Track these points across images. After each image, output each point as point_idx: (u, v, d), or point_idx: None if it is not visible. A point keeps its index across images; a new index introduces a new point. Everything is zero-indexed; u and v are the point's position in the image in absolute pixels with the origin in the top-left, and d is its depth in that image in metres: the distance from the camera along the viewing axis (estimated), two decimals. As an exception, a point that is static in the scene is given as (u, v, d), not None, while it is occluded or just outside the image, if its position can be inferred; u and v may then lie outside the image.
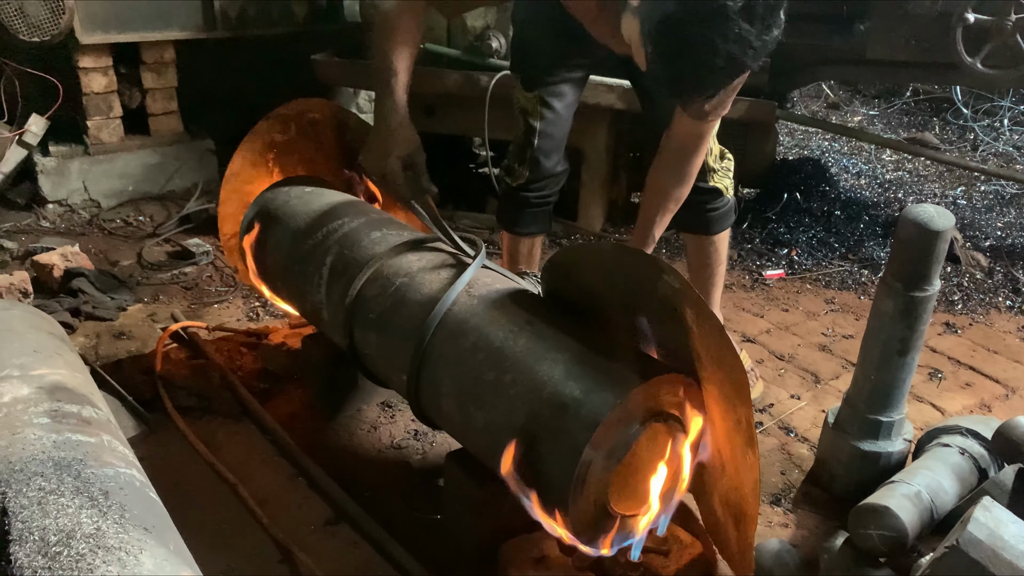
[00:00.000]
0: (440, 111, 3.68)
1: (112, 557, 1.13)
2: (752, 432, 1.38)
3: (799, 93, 6.06)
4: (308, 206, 2.17)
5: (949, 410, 2.44)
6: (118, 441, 1.52)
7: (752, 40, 1.41)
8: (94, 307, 2.77)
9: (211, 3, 3.74)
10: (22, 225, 3.54)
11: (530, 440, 1.46)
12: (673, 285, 1.39)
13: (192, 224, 3.57)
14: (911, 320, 1.82)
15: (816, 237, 3.62)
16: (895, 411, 1.94)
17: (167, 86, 3.85)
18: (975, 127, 5.37)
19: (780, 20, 1.45)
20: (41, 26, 3.29)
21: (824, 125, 4.79)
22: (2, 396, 1.50)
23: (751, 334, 2.84)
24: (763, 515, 1.95)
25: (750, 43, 1.41)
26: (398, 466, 2.09)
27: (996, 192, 4.34)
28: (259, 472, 2.02)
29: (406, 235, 2.02)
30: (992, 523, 1.33)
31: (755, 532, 1.48)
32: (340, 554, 1.77)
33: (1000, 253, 3.51)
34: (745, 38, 1.40)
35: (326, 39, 4.01)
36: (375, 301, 1.83)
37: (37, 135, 3.58)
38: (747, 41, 1.41)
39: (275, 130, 2.41)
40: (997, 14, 3.06)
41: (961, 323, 2.98)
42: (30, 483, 1.25)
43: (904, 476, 1.72)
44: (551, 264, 1.66)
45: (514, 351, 1.54)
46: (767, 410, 2.40)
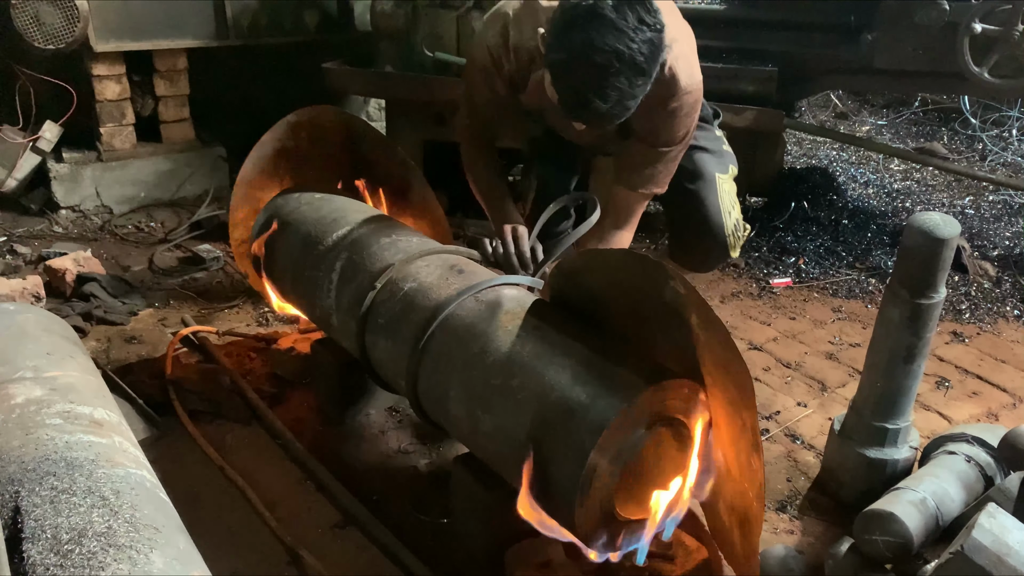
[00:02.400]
0: (450, 119, 3.70)
1: (123, 556, 1.15)
2: (757, 437, 1.39)
3: (807, 103, 6.06)
4: (318, 212, 2.20)
5: (956, 419, 2.44)
6: (129, 443, 1.54)
7: (629, 32, 1.63)
8: (106, 311, 2.80)
9: (224, 12, 3.78)
10: (35, 230, 3.58)
11: (537, 444, 1.47)
12: (679, 291, 1.40)
13: (203, 230, 3.61)
14: (917, 327, 1.83)
15: (823, 246, 3.62)
16: (901, 418, 1.94)
17: (179, 94, 3.90)
18: (983, 137, 5.36)
19: (654, 19, 1.68)
20: (56, 34, 3.33)
21: (832, 134, 4.79)
22: (16, 397, 1.52)
23: (758, 342, 2.85)
24: (769, 521, 1.96)
25: (630, 36, 1.63)
26: (406, 470, 2.10)
27: (1004, 202, 4.34)
28: (268, 475, 2.03)
29: (415, 240, 2.04)
30: (997, 529, 1.33)
31: (760, 537, 1.48)
32: (348, 557, 1.78)
33: (1008, 263, 3.50)
34: (623, 31, 1.63)
35: (337, 48, 4.05)
36: (384, 306, 1.85)
37: (51, 141, 3.63)
38: (626, 34, 1.63)
39: (286, 137, 2.44)
40: (1004, 24, 3.07)
41: (969, 332, 2.98)
42: (43, 482, 1.26)
43: (910, 483, 1.73)
44: (558, 270, 1.68)
45: (521, 356, 1.56)
46: (774, 417, 2.40)
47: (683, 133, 2.05)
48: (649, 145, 2.08)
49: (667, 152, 2.08)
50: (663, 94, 1.95)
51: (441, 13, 3.46)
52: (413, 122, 3.76)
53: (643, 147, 2.09)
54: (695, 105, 2.03)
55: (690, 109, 2.02)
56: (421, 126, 3.76)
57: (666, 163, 2.10)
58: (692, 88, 1.99)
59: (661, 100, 1.96)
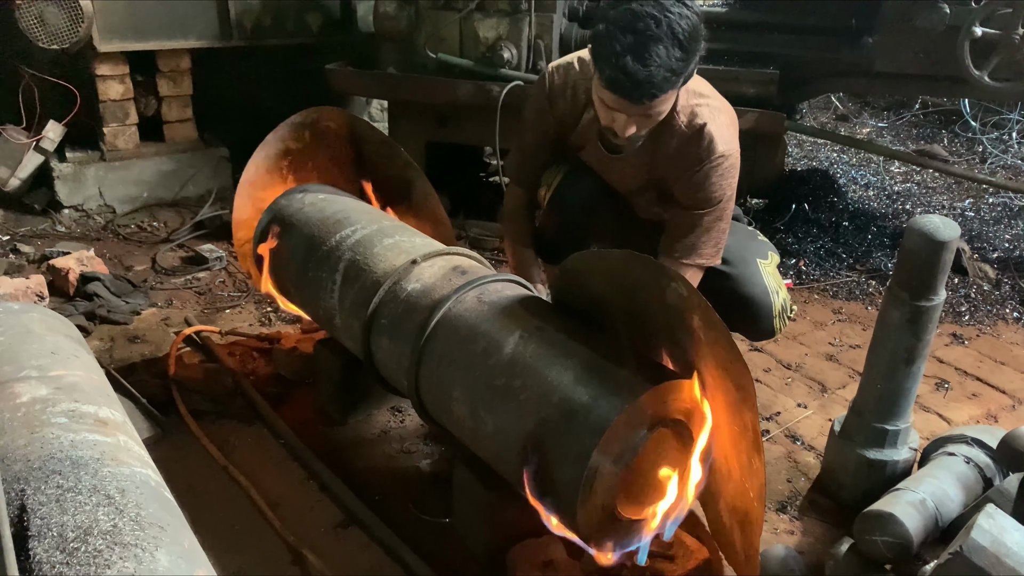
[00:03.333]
0: (452, 121, 3.72)
1: (128, 554, 1.16)
2: (758, 438, 1.40)
3: (808, 105, 6.07)
4: (322, 213, 2.21)
5: (955, 420, 2.45)
6: (133, 442, 1.54)
7: (669, 5, 1.74)
8: (109, 311, 2.81)
9: (227, 13, 3.80)
10: (38, 230, 3.59)
11: (539, 444, 1.48)
12: (680, 293, 1.41)
13: (206, 230, 3.62)
14: (917, 329, 1.84)
15: (824, 248, 3.63)
16: (901, 420, 1.95)
17: (183, 94, 3.91)
18: (984, 140, 5.37)
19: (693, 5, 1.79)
20: (60, 34, 3.35)
21: (833, 137, 4.79)
22: (21, 396, 1.53)
23: (758, 343, 2.86)
24: (769, 522, 1.97)
25: (668, 9, 1.74)
26: (408, 470, 2.11)
27: (1004, 204, 4.35)
28: (271, 475, 2.04)
29: (418, 242, 2.05)
30: (996, 530, 1.34)
31: (760, 538, 1.49)
32: (351, 557, 1.79)
33: (1008, 265, 3.51)
34: (662, 3, 1.74)
35: (340, 49, 4.07)
36: (388, 307, 1.86)
37: (54, 141, 3.64)
38: (665, 6, 1.74)
39: (289, 138, 2.45)
40: (1004, 28, 3.08)
41: (968, 334, 2.99)
42: (48, 481, 1.27)
43: (909, 484, 1.74)
44: (561, 271, 1.69)
45: (524, 357, 1.57)
46: (774, 418, 2.41)
47: (719, 195, 2.02)
48: (686, 208, 2.06)
49: (706, 215, 2.04)
50: (700, 154, 1.99)
51: (444, 15, 3.47)
52: (415, 123, 3.78)
53: (681, 212, 2.08)
54: (731, 169, 2.02)
55: (726, 171, 2.01)
56: (423, 127, 3.77)
57: (707, 229, 2.06)
58: (728, 153, 2.01)
59: (698, 160, 2.00)
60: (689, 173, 2.02)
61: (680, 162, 2.03)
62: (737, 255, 2.21)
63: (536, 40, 3.43)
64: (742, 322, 2.22)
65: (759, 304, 2.17)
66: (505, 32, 3.43)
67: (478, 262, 1.99)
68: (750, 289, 2.17)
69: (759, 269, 2.21)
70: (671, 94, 1.85)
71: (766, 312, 2.18)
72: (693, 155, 2.00)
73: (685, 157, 2.01)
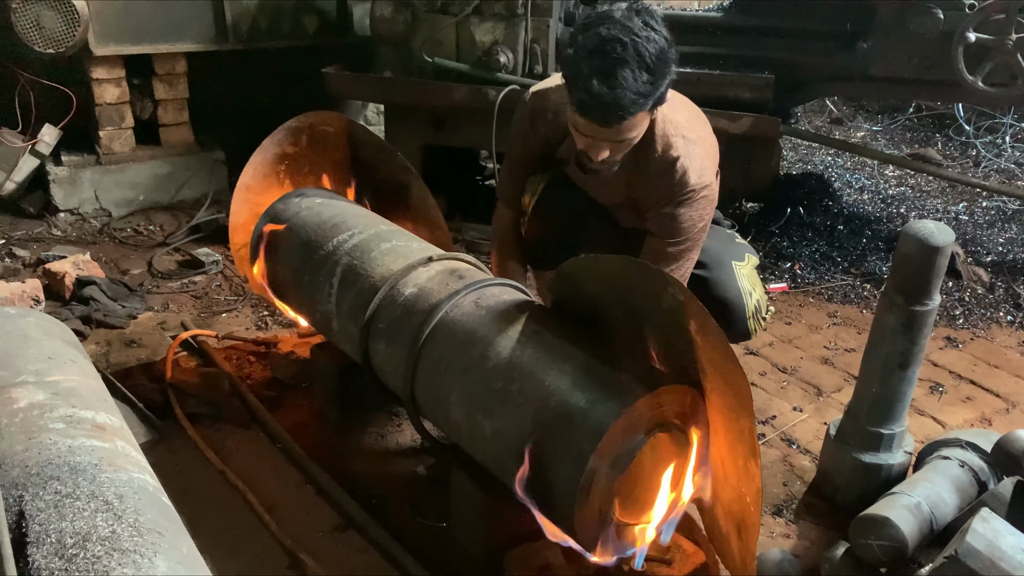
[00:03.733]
0: (448, 124, 3.72)
1: (127, 560, 1.16)
2: (754, 442, 1.40)
3: (803, 109, 6.09)
4: (319, 217, 2.21)
5: (950, 423, 2.46)
6: (131, 447, 1.55)
7: (635, 29, 1.76)
8: (105, 315, 2.80)
9: (223, 16, 3.80)
10: (34, 233, 3.58)
11: (537, 448, 1.48)
12: (677, 297, 1.42)
13: (202, 233, 3.62)
14: (912, 334, 1.85)
15: (819, 251, 3.64)
16: (896, 424, 1.96)
17: (178, 97, 3.91)
18: (977, 144, 5.40)
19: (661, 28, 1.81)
20: (56, 38, 3.34)
21: (827, 140, 4.81)
22: (18, 401, 1.52)
23: (754, 347, 2.87)
24: (765, 525, 1.98)
25: (635, 33, 1.76)
26: (405, 474, 2.11)
27: (998, 208, 4.37)
28: (268, 479, 2.04)
29: (415, 246, 2.06)
30: (990, 534, 1.35)
31: (757, 541, 1.50)
32: (348, 560, 1.80)
33: (1001, 268, 3.53)
34: (628, 27, 1.76)
35: (336, 52, 4.07)
36: (385, 311, 1.86)
37: (50, 145, 3.64)
38: (631, 30, 1.76)
39: (286, 142, 2.45)
40: (997, 33, 3.10)
41: (962, 337, 3.00)
42: (46, 487, 1.27)
43: (905, 488, 1.75)
44: (558, 276, 1.69)
45: (522, 361, 1.57)
46: (770, 422, 2.42)
47: (689, 226, 2.04)
48: (661, 239, 2.08)
49: (677, 245, 2.07)
50: (672, 188, 2.01)
51: (440, 19, 3.48)
52: (412, 127, 3.78)
53: (653, 240, 2.10)
54: (703, 202, 2.04)
55: (697, 204, 2.03)
56: (420, 131, 3.77)
57: (676, 259, 2.09)
58: (700, 186, 2.02)
59: (670, 193, 2.02)
60: (661, 204, 2.04)
61: (654, 192, 2.05)
62: (713, 258, 2.24)
63: (532, 44, 3.44)
64: None
65: (732, 306, 2.19)
66: (501, 36, 3.44)
67: (475, 266, 1.99)
68: (723, 291, 2.19)
69: (734, 271, 2.23)
70: (641, 117, 1.86)
71: (739, 314, 2.20)
72: (666, 187, 2.02)
73: (659, 189, 2.03)
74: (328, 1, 4.17)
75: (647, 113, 1.88)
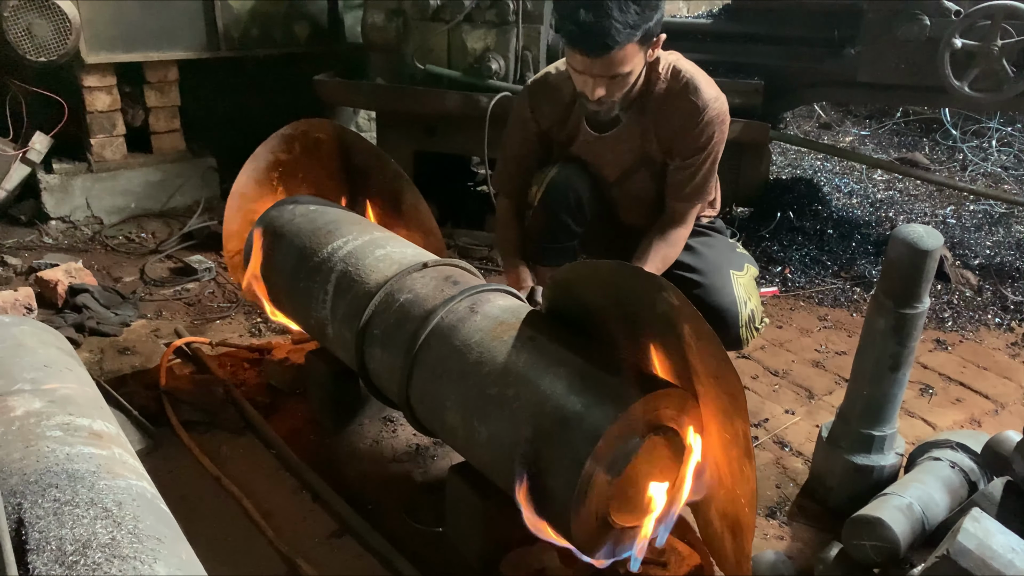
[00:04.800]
0: (441, 131, 3.74)
1: (127, 566, 1.16)
2: (749, 445, 1.42)
3: (792, 114, 6.14)
4: (313, 223, 2.22)
5: (940, 425, 2.48)
6: (128, 454, 1.55)
7: None
8: (98, 323, 2.80)
9: (215, 24, 3.80)
10: (25, 241, 3.57)
11: (533, 453, 1.49)
12: (671, 302, 1.43)
13: (194, 241, 3.61)
14: (902, 336, 1.87)
15: (809, 255, 3.67)
16: (887, 425, 1.98)
17: (170, 105, 3.91)
18: (964, 148, 5.45)
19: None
20: (48, 47, 3.34)
21: (816, 145, 4.86)
22: (15, 410, 1.53)
23: (746, 351, 2.88)
24: (759, 527, 1.99)
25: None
26: (400, 479, 2.12)
27: (985, 211, 4.41)
28: (264, 486, 2.05)
29: (410, 252, 2.07)
30: (981, 533, 1.37)
31: (752, 543, 1.51)
32: (344, 566, 1.80)
33: (989, 271, 3.57)
34: None
35: (327, 60, 4.08)
36: (380, 318, 1.87)
37: (41, 153, 3.63)
38: None
39: (280, 149, 2.46)
40: (983, 39, 3.14)
41: (951, 340, 3.03)
42: (45, 494, 1.27)
43: (896, 489, 1.76)
44: (553, 281, 1.71)
45: (517, 366, 1.58)
46: (762, 425, 2.44)
47: (718, 137, 2.17)
48: (683, 158, 2.19)
49: (707, 157, 2.19)
50: (694, 105, 2.11)
51: (432, 26, 3.49)
52: (404, 134, 3.80)
53: (679, 164, 2.20)
54: (723, 113, 2.16)
55: (716, 116, 2.14)
56: (412, 138, 3.79)
57: (710, 169, 2.22)
58: (718, 95, 2.15)
59: (694, 110, 2.12)
60: (688, 125, 2.13)
61: (675, 119, 2.14)
62: (711, 264, 2.28)
63: (524, 51, 3.46)
64: None
65: (725, 313, 2.22)
66: (493, 43, 3.46)
67: (469, 272, 2.01)
68: (718, 299, 2.22)
69: (730, 280, 2.26)
70: (631, 50, 1.93)
71: (732, 321, 2.22)
72: (686, 108, 2.11)
73: (678, 112, 2.12)
74: (320, 9, 4.18)
75: (638, 47, 1.94)
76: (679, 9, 6.86)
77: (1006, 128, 5.56)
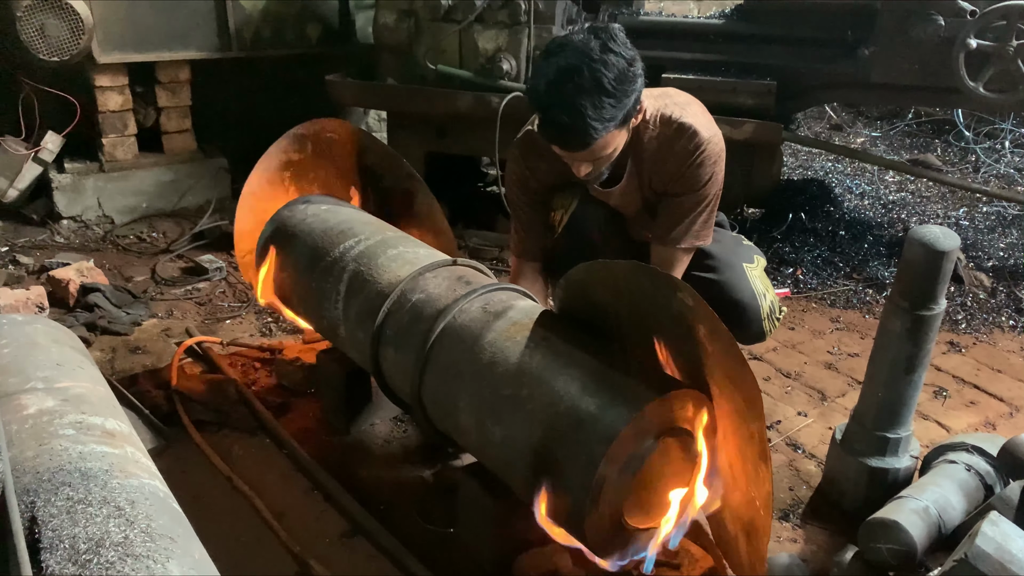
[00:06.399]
0: (451, 131, 3.74)
1: (140, 565, 1.16)
2: (764, 446, 1.41)
3: (803, 115, 6.12)
4: (325, 223, 2.22)
5: (954, 428, 2.46)
6: (140, 453, 1.55)
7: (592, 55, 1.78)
8: (109, 322, 2.81)
9: (226, 24, 3.82)
10: (37, 240, 3.59)
11: (547, 454, 1.49)
12: (687, 303, 1.42)
13: (205, 240, 3.62)
14: (918, 338, 1.86)
15: (821, 257, 3.65)
16: (902, 428, 1.97)
17: (182, 105, 3.92)
18: (977, 149, 5.42)
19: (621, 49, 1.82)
20: (61, 46, 3.35)
21: (829, 147, 4.83)
22: (28, 408, 1.53)
23: (758, 352, 2.87)
24: (772, 530, 1.97)
25: (592, 58, 1.78)
26: (412, 480, 2.11)
27: (998, 213, 4.38)
28: (276, 486, 2.04)
29: (422, 252, 2.06)
30: (1000, 537, 1.35)
31: (767, 546, 1.50)
32: (356, 567, 1.80)
33: (1003, 273, 3.54)
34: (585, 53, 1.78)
35: (339, 60, 4.09)
36: (393, 318, 1.87)
37: (53, 152, 3.64)
38: (588, 56, 1.78)
39: (291, 149, 2.46)
40: (998, 40, 3.12)
41: (965, 342, 3.01)
42: (58, 492, 1.27)
43: (912, 492, 1.75)
44: (566, 282, 1.70)
45: (531, 367, 1.58)
46: (775, 427, 2.43)
47: (708, 177, 2.07)
48: (676, 195, 2.11)
49: (696, 198, 2.09)
50: (684, 145, 2.03)
51: (444, 27, 3.49)
52: (415, 134, 3.80)
53: (673, 201, 2.12)
54: (717, 151, 2.07)
55: (714, 156, 2.06)
56: (423, 138, 3.79)
57: (698, 213, 2.11)
58: (711, 136, 2.06)
59: (686, 153, 2.03)
60: (681, 169, 2.06)
61: (670, 164, 2.06)
62: (723, 260, 2.25)
63: (535, 51, 3.46)
64: (731, 326, 2.23)
65: (747, 308, 2.20)
66: (504, 44, 3.45)
67: (481, 272, 2.00)
68: (737, 294, 2.20)
69: (745, 273, 2.24)
70: (611, 136, 1.88)
71: (754, 315, 2.21)
72: (680, 151, 2.04)
73: (673, 157, 2.05)
74: (331, 10, 4.19)
75: (618, 131, 1.90)
76: (690, 9, 6.84)
77: (1019, 129, 5.52)
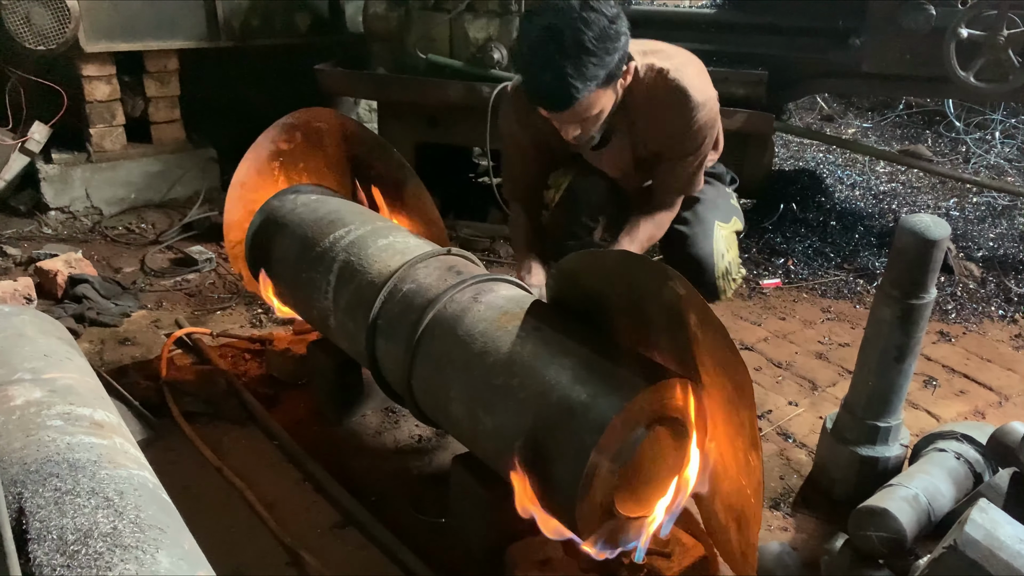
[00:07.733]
0: (442, 122, 3.72)
1: (129, 556, 1.15)
2: (755, 435, 1.41)
3: (794, 106, 6.11)
4: (315, 213, 2.20)
5: (944, 417, 2.47)
6: (129, 443, 1.54)
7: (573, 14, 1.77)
8: (98, 313, 2.79)
9: (215, 13, 3.78)
10: (24, 232, 3.56)
11: (538, 443, 1.48)
12: (678, 291, 1.42)
13: (195, 231, 3.60)
14: (908, 327, 1.86)
15: (812, 247, 3.66)
16: (892, 417, 1.97)
17: (170, 95, 3.89)
18: (967, 140, 5.43)
19: (603, 7, 1.81)
20: (47, 35, 3.32)
21: (820, 137, 4.83)
22: (15, 399, 1.52)
23: (749, 342, 2.88)
24: (763, 519, 1.98)
25: (572, 17, 1.77)
26: (403, 470, 2.11)
27: (988, 204, 4.40)
28: (266, 477, 2.04)
29: (412, 242, 2.05)
30: (988, 524, 1.36)
31: (758, 534, 1.50)
32: (348, 557, 1.79)
33: (992, 263, 3.55)
34: (565, 13, 1.78)
35: (328, 49, 4.06)
36: (384, 308, 1.86)
37: (40, 142, 3.61)
38: (567, 15, 1.78)
39: (281, 139, 2.44)
40: (989, 29, 3.12)
41: (955, 332, 3.02)
42: (46, 483, 1.26)
43: (902, 480, 1.75)
44: (558, 271, 1.70)
45: (522, 356, 1.57)
46: (766, 416, 2.43)
47: (701, 141, 2.11)
48: (673, 160, 2.14)
49: (689, 161, 2.14)
50: (678, 108, 2.04)
51: (434, 16, 3.47)
52: (405, 124, 3.78)
53: (668, 166, 2.16)
54: (711, 114, 2.10)
55: (707, 119, 2.08)
56: (413, 128, 3.77)
57: (693, 171, 2.17)
58: (705, 100, 2.07)
59: (678, 114, 2.04)
60: (678, 132, 2.07)
61: (665, 126, 2.08)
62: (698, 215, 2.28)
63: (526, 41, 3.44)
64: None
65: (702, 263, 2.23)
66: (495, 33, 3.43)
67: (472, 262, 1.99)
68: (696, 249, 2.24)
69: (712, 231, 2.27)
70: (597, 95, 1.88)
71: (708, 271, 2.24)
72: (677, 117, 2.04)
73: (668, 119, 2.06)
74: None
75: (602, 90, 1.89)
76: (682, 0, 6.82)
77: (1010, 120, 5.53)
